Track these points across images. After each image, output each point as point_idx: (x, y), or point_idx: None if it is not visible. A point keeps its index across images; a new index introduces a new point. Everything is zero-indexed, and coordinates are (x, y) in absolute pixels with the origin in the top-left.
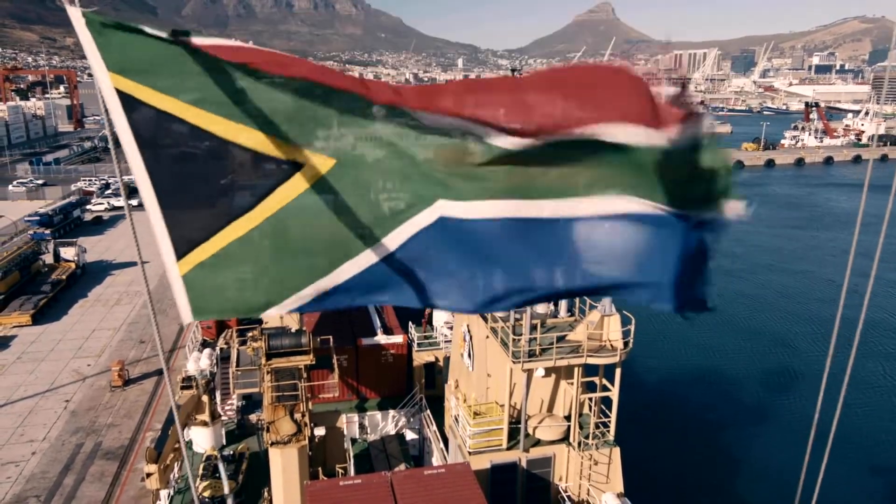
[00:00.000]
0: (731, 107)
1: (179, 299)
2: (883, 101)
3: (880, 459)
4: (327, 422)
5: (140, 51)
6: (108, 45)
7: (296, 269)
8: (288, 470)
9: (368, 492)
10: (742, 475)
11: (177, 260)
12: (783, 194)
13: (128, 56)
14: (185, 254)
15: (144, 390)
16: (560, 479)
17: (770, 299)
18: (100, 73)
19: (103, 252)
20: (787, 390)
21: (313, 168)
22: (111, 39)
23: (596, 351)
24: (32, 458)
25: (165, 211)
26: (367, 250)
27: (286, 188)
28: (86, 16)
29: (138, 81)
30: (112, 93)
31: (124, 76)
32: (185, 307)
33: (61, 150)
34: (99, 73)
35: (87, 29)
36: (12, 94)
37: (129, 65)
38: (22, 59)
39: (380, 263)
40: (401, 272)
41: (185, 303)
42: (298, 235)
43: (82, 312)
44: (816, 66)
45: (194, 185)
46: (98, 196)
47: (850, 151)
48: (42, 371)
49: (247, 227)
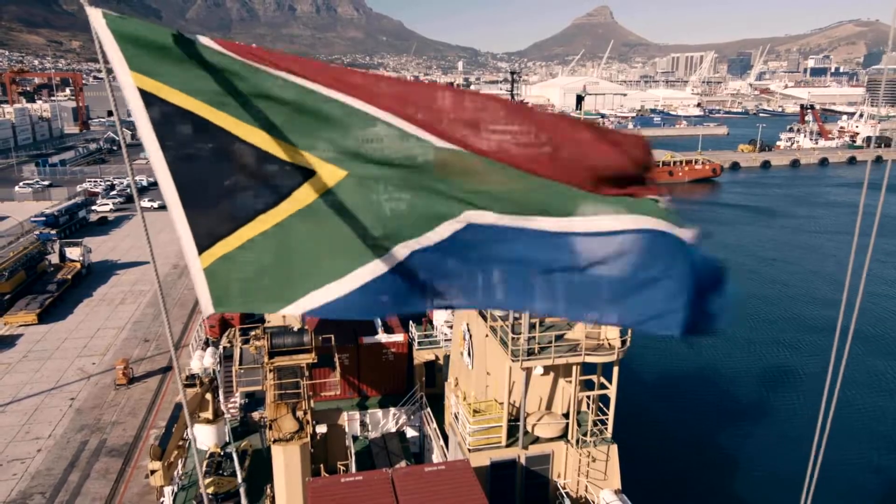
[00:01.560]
0: (727, 109)
1: (201, 292)
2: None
3: (882, 455)
4: (329, 419)
5: (159, 50)
6: (129, 43)
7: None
8: (290, 467)
9: (369, 488)
10: (738, 471)
11: (199, 254)
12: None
13: (148, 55)
14: (208, 247)
15: (148, 388)
16: (558, 476)
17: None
18: (122, 73)
19: (108, 252)
20: (782, 387)
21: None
22: (132, 38)
23: (594, 349)
24: (38, 455)
25: (187, 206)
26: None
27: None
28: (106, 16)
29: (159, 80)
30: (134, 91)
31: (146, 75)
32: (206, 299)
33: (67, 152)
34: (121, 73)
35: (108, 29)
36: (19, 97)
37: (149, 64)
38: (28, 61)
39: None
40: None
41: (207, 295)
42: (316, 237)
43: (87, 312)
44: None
45: (216, 181)
46: (103, 197)
47: (844, 153)
48: (48, 369)
49: (270, 223)
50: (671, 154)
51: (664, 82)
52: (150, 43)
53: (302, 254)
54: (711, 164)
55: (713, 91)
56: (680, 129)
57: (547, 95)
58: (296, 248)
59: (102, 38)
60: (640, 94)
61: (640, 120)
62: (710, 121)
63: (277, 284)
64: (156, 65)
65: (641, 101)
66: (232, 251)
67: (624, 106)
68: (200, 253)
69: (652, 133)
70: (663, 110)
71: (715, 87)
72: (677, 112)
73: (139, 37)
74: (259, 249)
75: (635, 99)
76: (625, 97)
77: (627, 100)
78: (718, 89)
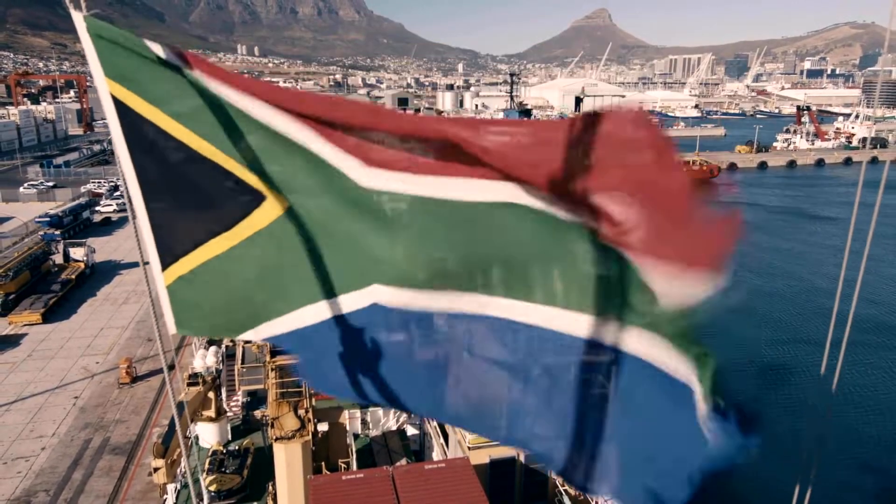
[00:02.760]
0: (724, 110)
1: (166, 310)
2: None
3: (881, 454)
4: (330, 418)
5: (134, 60)
6: (105, 51)
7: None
8: (292, 464)
9: (370, 486)
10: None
11: (162, 270)
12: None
13: (123, 63)
14: (169, 265)
15: (152, 387)
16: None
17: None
18: (98, 78)
19: (112, 252)
20: (779, 383)
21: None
22: (109, 46)
23: None
24: (42, 453)
25: (153, 220)
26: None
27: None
28: (87, 21)
29: (130, 90)
30: (108, 98)
31: (119, 83)
32: (170, 318)
33: (71, 153)
34: (97, 78)
35: (88, 34)
36: (24, 99)
37: (123, 72)
38: (33, 64)
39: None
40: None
41: (170, 314)
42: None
43: (91, 311)
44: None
45: (178, 196)
46: (107, 198)
47: (840, 154)
48: (52, 368)
49: (226, 245)
50: None
51: (662, 84)
52: (125, 51)
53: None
54: (709, 165)
55: (710, 93)
56: (678, 130)
57: (546, 97)
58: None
59: (83, 43)
60: (639, 96)
61: None
62: (708, 122)
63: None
64: (128, 73)
65: (640, 103)
66: (188, 273)
67: None
68: (164, 269)
69: None
70: (661, 112)
71: (712, 88)
72: (675, 113)
73: (116, 44)
74: (214, 272)
75: (634, 100)
76: (623, 99)
77: (626, 101)
78: (716, 91)
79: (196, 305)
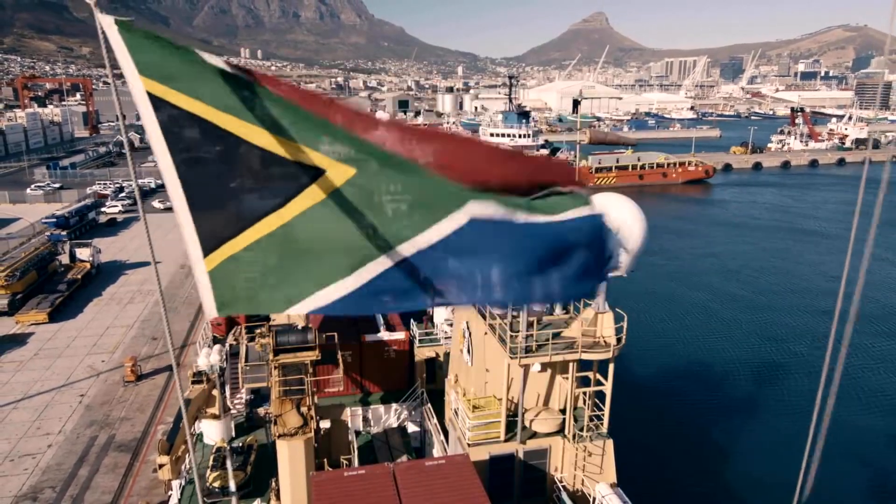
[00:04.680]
0: (720, 112)
1: (205, 295)
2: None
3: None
4: (332, 415)
5: (166, 56)
6: (138, 50)
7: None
8: (294, 461)
9: (372, 482)
10: (731, 466)
11: (203, 256)
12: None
13: (156, 60)
14: (213, 250)
15: (156, 385)
16: (555, 470)
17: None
18: (132, 77)
19: (117, 252)
20: (776, 382)
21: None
22: (141, 45)
23: (590, 347)
24: (48, 450)
25: (194, 209)
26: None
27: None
28: (118, 23)
29: (167, 85)
30: (143, 96)
31: (154, 80)
32: (210, 302)
33: (77, 155)
34: (131, 78)
35: (119, 34)
36: (31, 102)
37: (157, 69)
38: (40, 67)
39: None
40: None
41: (211, 298)
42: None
43: (97, 310)
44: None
45: (223, 183)
46: (112, 199)
47: (834, 154)
48: (58, 367)
49: (276, 224)
50: (665, 156)
51: (658, 86)
52: (158, 49)
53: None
54: (704, 165)
55: (706, 95)
56: (674, 131)
57: (544, 99)
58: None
59: (114, 44)
60: (635, 98)
61: (634, 123)
62: (703, 123)
63: (282, 285)
64: (164, 70)
65: (636, 105)
66: (238, 252)
67: (619, 109)
68: (206, 255)
69: (646, 135)
70: (657, 113)
71: (708, 90)
72: (671, 115)
73: (148, 43)
74: (265, 250)
75: (630, 102)
76: (620, 101)
77: (622, 103)
78: (711, 93)
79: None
